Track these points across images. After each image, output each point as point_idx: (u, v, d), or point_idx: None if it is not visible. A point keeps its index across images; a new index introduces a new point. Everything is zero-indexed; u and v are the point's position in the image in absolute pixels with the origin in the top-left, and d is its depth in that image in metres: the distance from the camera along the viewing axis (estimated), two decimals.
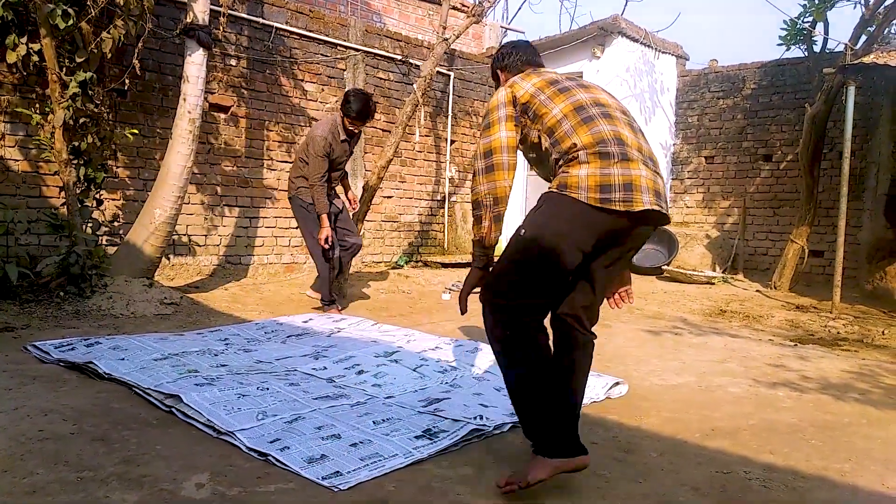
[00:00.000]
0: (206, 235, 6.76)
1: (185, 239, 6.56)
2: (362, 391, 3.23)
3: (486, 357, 3.97)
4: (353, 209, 5.42)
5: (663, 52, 9.54)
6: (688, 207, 9.88)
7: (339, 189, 5.68)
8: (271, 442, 2.48)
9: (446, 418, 2.82)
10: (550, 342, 2.33)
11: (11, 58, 4.68)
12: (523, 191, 9.89)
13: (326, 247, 5.22)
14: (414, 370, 3.64)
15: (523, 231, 2.28)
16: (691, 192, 9.84)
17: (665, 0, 10.27)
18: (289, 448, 2.43)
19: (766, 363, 4.43)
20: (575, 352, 2.41)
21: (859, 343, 5.34)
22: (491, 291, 2.27)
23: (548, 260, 2.22)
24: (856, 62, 6.46)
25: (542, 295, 2.26)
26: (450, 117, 9.06)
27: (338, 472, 2.27)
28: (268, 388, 3.10)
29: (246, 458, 2.36)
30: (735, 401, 3.50)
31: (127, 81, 5.17)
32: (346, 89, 5.45)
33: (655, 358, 4.49)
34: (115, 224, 6.07)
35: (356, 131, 5.19)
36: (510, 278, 2.25)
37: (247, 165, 7.00)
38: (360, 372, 3.55)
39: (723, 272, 8.85)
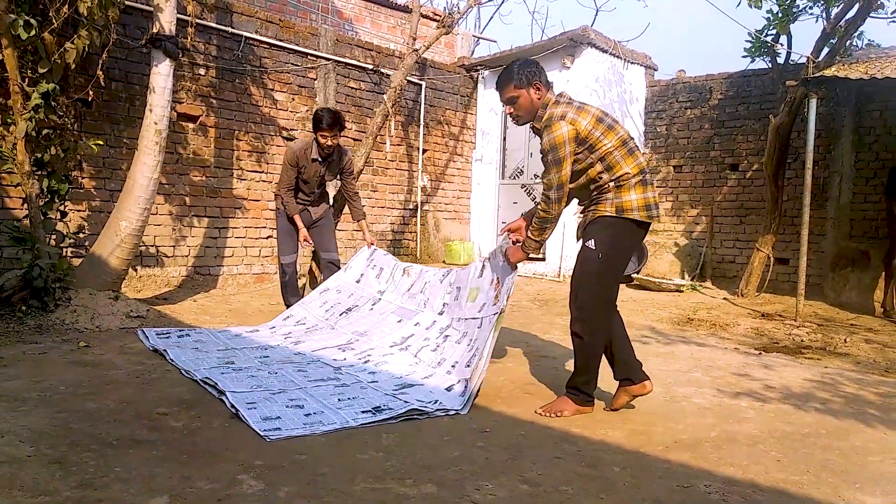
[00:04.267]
0: (174, 246, 6.68)
1: (152, 250, 6.50)
2: (355, 377, 3.77)
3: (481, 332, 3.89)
4: (370, 245, 5.38)
5: (632, 63, 9.65)
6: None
7: (333, 207, 5.68)
8: (248, 404, 3.14)
9: (400, 399, 3.35)
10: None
11: None
12: (495, 199, 9.93)
13: (309, 246, 5.36)
14: (415, 355, 4.05)
15: (600, 255, 3.14)
16: (660, 200, 9.96)
17: (635, 11, 10.40)
18: (255, 409, 3.09)
19: (730, 372, 4.50)
20: (622, 326, 3.45)
21: (822, 351, 5.45)
22: (590, 296, 3.21)
23: (622, 268, 3.26)
24: (817, 75, 6.60)
25: (617, 290, 3.35)
26: (421, 126, 9.08)
27: (279, 428, 2.89)
28: (276, 373, 3.79)
29: (207, 480, 2.34)
30: (699, 412, 3.54)
31: (91, 93, 5.10)
32: (316, 108, 5.42)
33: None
34: (81, 236, 5.97)
35: (329, 144, 5.15)
36: (603, 288, 3.22)
37: (216, 175, 6.94)
38: (367, 361, 4.11)
39: (691, 280, 8.97)
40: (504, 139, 9.90)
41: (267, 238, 7.38)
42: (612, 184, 3.12)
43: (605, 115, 3.22)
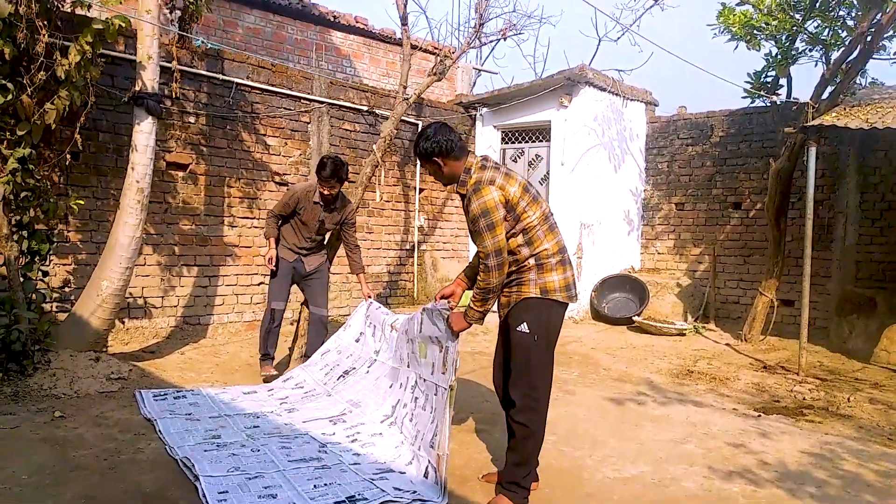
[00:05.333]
0: (162, 297, 6.59)
1: (140, 301, 6.41)
2: (338, 458, 3.70)
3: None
4: (367, 297, 5.28)
5: (632, 100, 9.54)
6: (659, 254, 9.84)
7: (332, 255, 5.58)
8: (219, 494, 3.13)
9: (377, 487, 3.28)
10: None
11: None
12: None
13: (272, 267, 5.28)
14: (400, 431, 3.90)
15: (536, 337, 3.10)
16: (662, 238, 9.81)
17: (634, 52, 10.31)
18: (226, 501, 3.06)
19: (726, 442, 4.33)
20: None
21: (824, 412, 5.26)
22: (535, 383, 3.15)
23: (553, 349, 3.24)
24: (816, 123, 6.45)
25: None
26: (418, 166, 8.98)
27: None
28: (258, 450, 3.75)
29: None
30: (688, 500, 3.38)
31: (69, 157, 5.04)
32: (323, 155, 5.37)
33: (613, 438, 4.37)
34: (66, 290, 5.90)
35: (329, 194, 5.11)
36: (545, 373, 3.18)
37: (206, 223, 6.86)
38: (354, 440, 4.00)
39: (695, 321, 8.79)
40: None
41: (259, 285, 7.27)
42: (532, 261, 3.07)
43: (530, 185, 3.20)
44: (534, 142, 9.47)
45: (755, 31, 7.01)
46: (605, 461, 3.94)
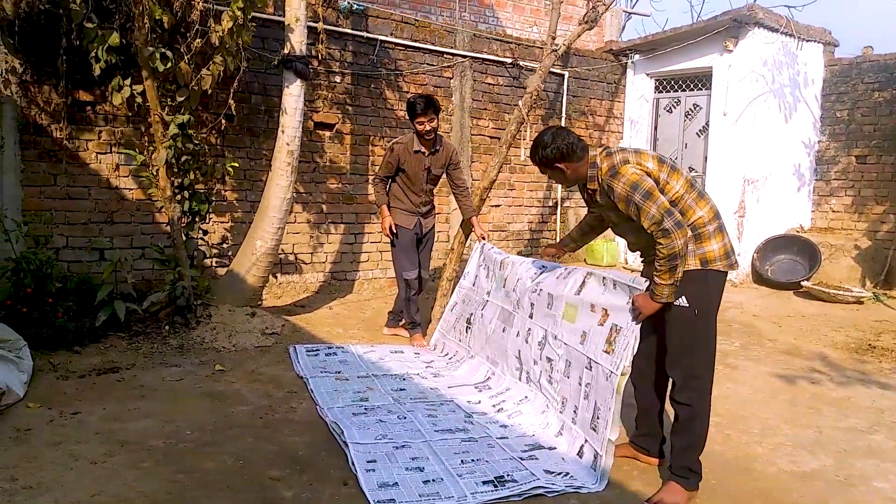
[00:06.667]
0: (312, 253, 6.77)
1: (291, 257, 6.62)
2: (485, 431, 3.58)
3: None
4: (481, 238, 5.16)
5: (807, 41, 8.48)
6: (833, 212, 8.83)
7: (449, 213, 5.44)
8: (368, 463, 3.11)
9: (527, 469, 3.12)
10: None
11: (117, 99, 4.79)
12: None
13: (389, 235, 5.16)
14: (541, 390, 3.72)
15: (696, 311, 2.87)
16: (838, 194, 8.77)
17: None
18: (374, 471, 3.04)
19: None
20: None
21: None
22: (697, 360, 2.93)
23: (715, 320, 2.98)
24: None
25: None
26: (563, 119, 8.57)
27: (393, 499, 2.80)
28: (405, 418, 3.71)
29: None
30: None
31: (224, 120, 5.18)
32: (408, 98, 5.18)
33: (786, 423, 3.94)
34: (224, 246, 6.19)
35: (428, 129, 4.87)
36: (707, 348, 2.95)
37: (352, 182, 6.93)
38: (500, 410, 3.86)
39: (875, 288, 7.84)
40: (655, 128, 9.13)
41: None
42: (688, 231, 2.83)
43: (665, 157, 3.06)
44: (691, 90, 8.71)
45: None
46: (779, 450, 3.54)
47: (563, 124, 8.57)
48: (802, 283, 7.80)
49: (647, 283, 2.93)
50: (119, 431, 3.36)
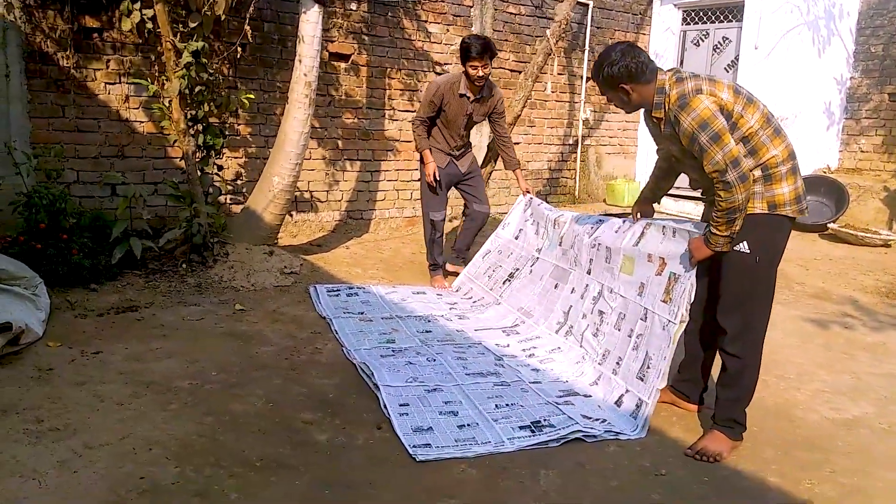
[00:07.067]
0: (327, 191, 6.59)
1: (307, 195, 6.45)
2: (517, 374, 3.47)
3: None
4: (525, 192, 4.96)
5: None
6: (862, 152, 8.54)
7: (482, 154, 5.22)
8: (401, 406, 3.00)
9: (563, 413, 3.01)
10: None
11: (126, 25, 4.54)
12: None
13: (433, 183, 4.88)
14: (580, 344, 3.61)
15: (758, 258, 2.67)
16: (868, 134, 8.47)
17: None
18: (407, 415, 2.94)
19: None
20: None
21: None
22: (753, 309, 2.76)
23: (775, 273, 2.80)
24: None
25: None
26: (586, 52, 8.22)
27: (429, 444, 2.70)
28: (435, 360, 3.60)
29: None
30: None
31: (239, 50, 4.91)
32: (462, 38, 4.85)
33: (822, 368, 3.83)
34: (238, 182, 6.01)
35: (481, 75, 4.58)
36: (765, 299, 2.78)
37: (368, 117, 6.68)
38: (531, 356, 3.74)
39: None
40: (681, 62, 8.77)
41: (419, 180, 7.09)
42: (757, 171, 2.65)
43: (741, 86, 2.78)
44: (721, 22, 8.32)
45: None
46: (818, 397, 3.44)
47: (585, 59, 8.23)
48: (829, 226, 7.61)
49: (707, 227, 2.76)
50: (143, 372, 3.27)
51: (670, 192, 3.68)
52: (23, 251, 4.13)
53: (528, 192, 4.95)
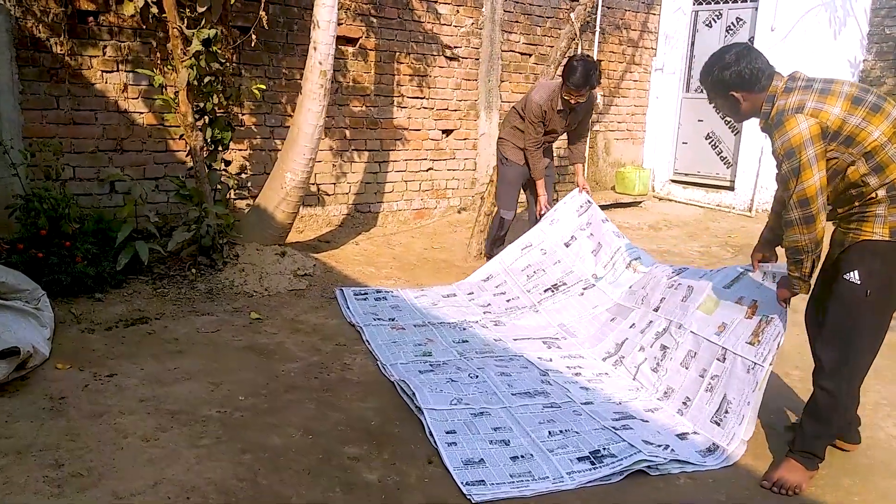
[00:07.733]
0: (334, 184, 6.29)
1: (314, 188, 6.15)
2: (566, 392, 3.25)
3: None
4: (582, 188, 4.78)
5: None
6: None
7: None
8: (447, 434, 2.78)
9: (624, 441, 2.78)
10: None
11: (129, 9, 4.19)
12: (676, 115, 8.70)
13: (543, 211, 4.82)
14: (633, 377, 3.40)
15: (868, 292, 2.38)
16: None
17: None
18: (456, 444, 2.72)
19: None
20: None
21: None
22: (856, 346, 2.46)
23: (893, 309, 2.51)
24: None
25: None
26: (597, 33, 7.93)
27: (482, 481, 2.50)
28: (477, 376, 3.36)
29: None
30: None
31: (254, 37, 4.57)
32: (571, 55, 4.66)
33: (873, 379, 3.65)
34: (243, 176, 5.69)
35: (573, 102, 4.46)
36: (872, 337, 2.47)
37: (376, 104, 6.36)
38: (578, 374, 3.50)
39: None
40: (692, 44, 8.50)
41: (427, 171, 6.83)
42: (881, 192, 2.32)
43: (866, 91, 2.36)
44: (735, 1, 8.06)
45: None
46: (878, 411, 3.27)
47: (596, 39, 7.94)
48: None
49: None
50: (164, 398, 3.01)
51: (678, 178, 3.44)
52: (23, 260, 3.81)
53: (585, 188, 4.80)
